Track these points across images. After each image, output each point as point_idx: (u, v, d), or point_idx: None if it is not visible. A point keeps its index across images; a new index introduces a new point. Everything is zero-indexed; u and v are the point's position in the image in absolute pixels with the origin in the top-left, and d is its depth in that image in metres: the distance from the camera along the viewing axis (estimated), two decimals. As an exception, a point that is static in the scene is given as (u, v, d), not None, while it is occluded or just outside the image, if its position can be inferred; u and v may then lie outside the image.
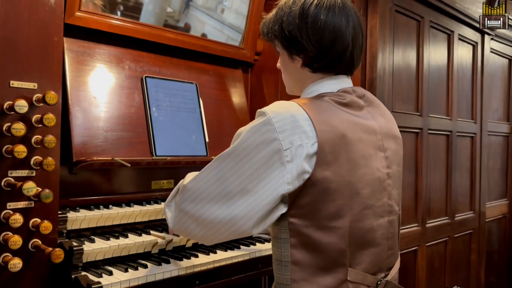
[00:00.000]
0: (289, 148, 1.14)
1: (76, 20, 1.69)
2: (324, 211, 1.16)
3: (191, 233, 1.28)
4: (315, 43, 1.23)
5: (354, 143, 1.20)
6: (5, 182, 1.27)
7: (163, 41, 1.98)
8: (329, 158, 1.15)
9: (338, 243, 1.18)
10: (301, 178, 1.15)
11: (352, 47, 1.26)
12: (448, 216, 3.09)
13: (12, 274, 1.26)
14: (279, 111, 1.18)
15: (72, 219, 1.50)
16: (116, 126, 1.73)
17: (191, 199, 1.24)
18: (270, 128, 1.15)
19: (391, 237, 1.32)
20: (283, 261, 1.22)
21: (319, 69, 1.28)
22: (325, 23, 1.22)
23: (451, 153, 3.06)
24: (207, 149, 1.99)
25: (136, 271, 1.46)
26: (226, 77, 2.23)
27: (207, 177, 1.23)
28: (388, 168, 1.30)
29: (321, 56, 1.25)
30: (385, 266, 1.31)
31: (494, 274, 3.79)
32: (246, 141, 1.18)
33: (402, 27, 2.60)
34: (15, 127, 1.24)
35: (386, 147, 1.30)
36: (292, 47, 1.27)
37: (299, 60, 1.29)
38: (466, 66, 3.26)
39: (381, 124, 1.31)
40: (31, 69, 1.32)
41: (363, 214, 1.22)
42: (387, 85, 2.44)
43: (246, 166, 1.17)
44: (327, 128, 1.17)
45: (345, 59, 1.27)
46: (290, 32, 1.25)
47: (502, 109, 3.89)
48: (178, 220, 1.28)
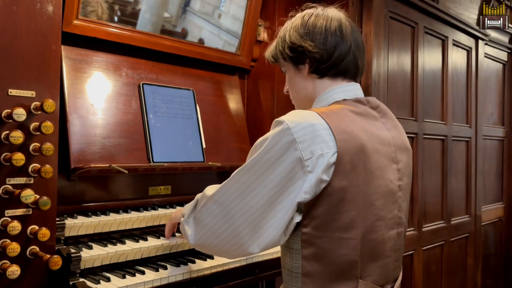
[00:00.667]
0: (310, 158, 1.13)
1: (74, 28, 1.70)
2: (338, 222, 1.15)
3: (214, 248, 1.26)
4: (319, 44, 1.27)
5: (371, 153, 1.19)
6: (3, 190, 1.27)
7: (160, 48, 1.99)
8: (347, 168, 1.15)
9: (351, 254, 1.17)
10: (319, 187, 1.14)
11: (354, 49, 1.30)
12: (444, 220, 3.10)
13: (10, 281, 1.26)
14: (298, 120, 1.16)
15: (69, 226, 1.51)
16: (114, 133, 1.75)
17: (214, 214, 1.22)
18: (290, 138, 1.14)
19: (398, 249, 1.32)
20: (294, 272, 1.21)
21: (326, 71, 1.29)
22: (325, 27, 1.28)
23: (446, 158, 3.09)
24: (204, 155, 2.00)
25: (134, 277, 1.47)
26: (223, 83, 2.24)
27: (229, 191, 1.21)
28: (400, 181, 1.29)
29: (327, 57, 1.28)
30: (392, 278, 1.31)
31: (491, 277, 3.81)
32: (267, 153, 1.16)
33: (397, 33, 2.62)
34: (13, 135, 1.25)
35: (398, 159, 1.30)
36: (297, 55, 1.31)
37: (305, 67, 1.31)
38: (461, 71, 3.29)
39: (394, 136, 1.31)
40: (29, 77, 1.33)
41: (376, 225, 1.21)
42: (382, 91, 2.46)
43: (268, 180, 1.16)
44: (346, 137, 1.16)
45: (349, 61, 1.30)
46: (294, 42, 1.30)
47: (497, 113, 3.92)
48: (200, 236, 1.26)
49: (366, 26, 2.36)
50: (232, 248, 1.22)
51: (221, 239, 1.23)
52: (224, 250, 1.24)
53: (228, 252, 1.24)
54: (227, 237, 1.21)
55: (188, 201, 1.97)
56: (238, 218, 1.19)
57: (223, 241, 1.22)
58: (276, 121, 1.20)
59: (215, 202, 1.23)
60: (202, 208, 1.27)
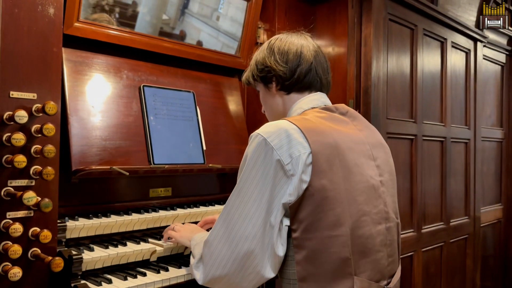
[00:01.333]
0: (290, 162, 1.19)
1: (75, 30, 1.71)
2: (325, 221, 1.18)
3: (227, 283, 1.26)
4: (282, 63, 1.40)
5: (346, 151, 1.25)
6: (5, 192, 1.27)
7: (160, 50, 2.00)
8: (324, 166, 1.19)
9: (342, 252, 1.19)
10: (300, 188, 1.18)
11: (316, 65, 1.42)
12: (443, 222, 3.11)
13: (12, 283, 1.26)
14: (272, 129, 1.23)
15: (71, 228, 1.51)
16: (114, 135, 1.75)
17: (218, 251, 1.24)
18: (268, 148, 1.20)
19: (390, 244, 1.34)
20: (291, 279, 1.23)
21: (291, 87, 1.41)
22: (287, 49, 1.42)
23: (445, 159, 3.10)
24: (204, 157, 2.01)
25: (135, 279, 1.47)
26: (223, 85, 2.25)
27: (226, 220, 1.24)
28: (381, 176, 1.34)
29: (290, 74, 1.40)
30: (387, 274, 1.33)
31: (490, 279, 3.81)
32: (252, 170, 1.22)
33: (396, 35, 2.63)
34: (15, 137, 1.25)
35: (375, 156, 1.35)
36: (264, 75, 1.44)
37: (272, 85, 1.43)
38: (460, 73, 3.30)
39: (367, 135, 1.38)
40: (31, 79, 1.34)
41: (362, 221, 1.24)
42: (381, 93, 2.47)
43: (260, 196, 1.20)
44: (318, 138, 1.22)
45: (312, 76, 1.41)
46: (262, 64, 1.44)
47: (496, 115, 3.93)
48: (210, 277, 1.27)
49: (366, 28, 2.37)
50: (246, 277, 1.22)
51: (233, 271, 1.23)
52: (238, 281, 1.24)
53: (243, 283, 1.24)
54: (238, 267, 1.22)
55: (189, 202, 1.99)
56: (243, 244, 1.20)
57: (235, 273, 1.23)
58: (251, 136, 1.27)
59: (214, 240, 1.26)
60: (204, 250, 1.29)
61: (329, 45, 2.45)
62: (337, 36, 2.41)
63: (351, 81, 2.35)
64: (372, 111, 2.39)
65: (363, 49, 2.38)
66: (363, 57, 2.38)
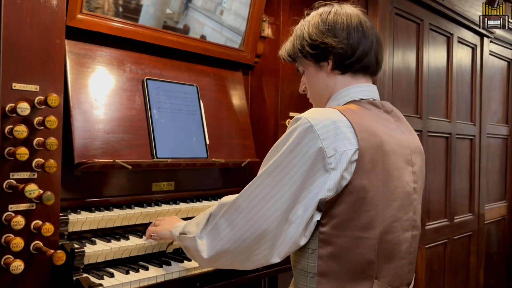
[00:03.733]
0: (333, 155, 1.12)
1: (78, 22, 1.69)
2: (357, 221, 1.15)
3: (230, 260, 1.23)
4: (343, 39, 1.25)
5: (389, 154, 1.19)
6: (7, 184, 1.27)
7: (164, 43, 1.98)
8: (368, 166, 1.14)
9: (368, 254, 1.16)
10: (340, 185, 1.13)
11: (376, 45, 1.29)
12: (447, 218, 3.09)
13: (14, 276, 1.26)
14: (320, 118, 1.15)
15: (73, 221, 1.51)
16: (117, 128, 1.74)
17: (235, 222, 1.19)
18: (313, 136, 1.13)
19: (413, 252, 1.31)
20: (309, 272, 1.20)
21: (349, 67, 1.28)
22: (347, 24, 1.27)
23: (450, 155, 3.07)
24: (207, 151, 2.00)
25: (138, 273, 1.46)
26: (227, 79, 2.23)
27: (251, 195, 1.18)
28: (415, 183, 1.29)
29: (351, 53, 1.26)
30: (405, 281, 1.31)
31: (493, 276, 3.80)
32: (290, 152, 1.14)
33: (402, 30, 2.61)
34: (17, 129, 1.24)
35: (414, 162, 1.30)
36: (320, 51, 1.28)
37: (328, 64, 1.30)
38: (465, 68, 3.27)
39: (409, 139, 1.31)
40: (33, 71, 1.33)
41: (393, 226, 1.21)
42: (386, 88, 2.44)
43: (293, 180, 1.14)
44: (367, 135, 1.15)
45: (372, 57, 1.29)
46: (315, 39, 1.28)
47: (501, 111, 3.90)
48: (217, 249, 1.22)
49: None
50: (253, 259, 1.19)
51: (242, 248, 1.19)
52: (242, 260, 1.21)
53: (246, 263, 1.21)
54: (249, 245, 1.18)
55: (191, 197, 1.98)
56: (261, 224, 1.16)
57: (243, 251, 1.19)
58: (296, 119, 1.18)
59: (234, 210, 1.20)
60: (220, 219, 1.23)
61: (334, 39, 2.43)
62: (342, 30, 2.38)
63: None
64: (377, 106, 2.36)
65: (369, 44, 2.36)
66: (369, 51, 2.36)
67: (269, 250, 1.17)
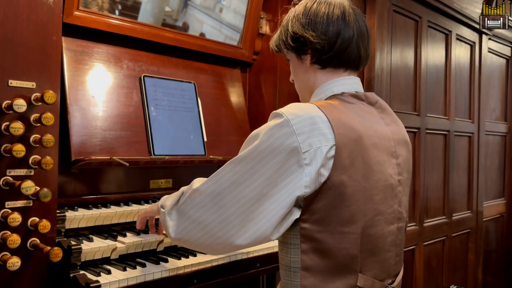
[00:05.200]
0: (308, 150, 1.12)
1: (75, 19, 1.69)
2: (338, 216, 1.15)
3: (196, 242, 1.22)
4: (321, 34, 1.25)
5: (369, 148, 1.19)
6: (4, 181, 1.27)
7: (162, 40, 1.98)
8: (346, 162, 1.14)
9: (351, 249, 1.17)
10: (317, 181, 1.13)
11: (357, 38, 1.27)
12: (445, 216, 3.10)
13: (10, 273, 1.26)
14: (298, 112, 1.15)
15: (70, 218, 1.51)
16: (115, 126, 1.74)
17: (201, 204, 1.19)
18: (289, 130, 1.13)
19: (399, 244, 1.32)
20: (292, 267, 1.20)
21: (327, 62, 1.28)
22: (327, 15, 1.26)
23: (448, 153, 3.07)
24: (205, 149, 1.99)
25: (134, 270, 1.46)
26: (225, 76, 2.23)
27: (220, 180, 1.18)
28: (400, 175, 1.29)
29: (328, 48, 1.26)
30: (393, 273, 1.31)
31: (491, 273, 3.80)
32: (262, 144, 1.15)
33: (400, 27, 2.60)
34: (14, 126, 1.24)
35: (398, 154, 1.29)
36: (299, 45, 1.29)
37: (307, 57, 1.30)
38: (464, 66, 3.27)
39: (394, 131, 1.31)
40: (30, 68, 1.33)
41: (375, 220, 1.21)
42: (385, 85, 2.44)
43: (263, 170, 1.13)
44: (345, 131, 1.15)
45: (352, 50, 1.27)
46: (296, 32, 1.28)
47: (500, 108, 3.90)
48: (182, 228, 1.23)
49: (369, 19, 2.34)
50: (216, 242, 1.18)
51: (206, 231, 1.19)
52: (207, 244, 1.20)
53: (211, 246, 1.21)
54: (213, 229, 1.17)
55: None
56: (227, 209, 1.16)
57: (208, 234, 1.18)
58: (274, 113, 1.18)
59: (202, 192, 1.19)
60: (187, 199, 1.23)
61: (332, 36, 2.42)
62: (341, 28, 2.38)
63: (354, 73, 2.32)
64: (375, 104, 2.36)
65: (367, 41, 2.36)
66: (367, 48, 2.35)
67: (235, 237, 1.16)
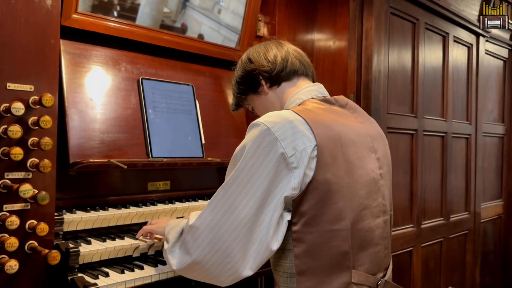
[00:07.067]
0: (293, 154, 1.14)
1: (73, 22, 1.69)
2: (327, 214, 1.17)
3: (203, 274, 1.22)
4: (263, 60, 1.40)
5: (348, 145, 1.23)
6: (2, 184, 1.27)
7: (160, 43, 1.98)
8: (328, 160, 1.17)
9: (342, 245, 1.19)
10: (304, 182, 1.15)
11: (293, 51, 1.42)
12: (443, 217, 3.10)
13: (8, 276, 1.26)
14: (276, 119, 1.18)
15: (68, 221, 1.51)
16: (113, 128, 1.74)
17: (200, 240, 1.19)
18: (271, 138, 1.15)
19: (386, 236, 1.35)
20: (288, 272, 1.22)
21: (280, 78, 1.39)
22: (262, 48, 1.44)
23: (446, 154, 3.08)
24: (203, 151, 2.00)
25: (132, 272, 1.46)
26: (223, 78, 2.23)
27: (215, 209, 1.18)
28: (380, 169, 1.34)
29: (274, 66, 1.39)
30: (383, 266, 1.34)
31: (489, 274, 3.81)
32: (251, 158, 1.16)
33: (397, 29, 2.61)
34: (12, 129, 1.24)
35: (376, 149, 1.34)
36: (249, 81, 1.43)
37: (262, 85, 1.41)
38: (461, 67, 3.28)
39: (368, 127, 1.36)
40: (28, 71, 1.33)
41: (362, 214, 1.24)
42: (382, 87, 2.45)
43: (256, 186, 1.15)
44: (323, 131, 1.18)
45: (293, 61, 1.39)
46: (242, 74, 1.44)
47: (497, 110, 3.91)
48: (187, 265, 1.23)
49: (367, 22, 2.35)
50: (224, 269, 1.18)
51: (211, 264, 1.19)
52: (214, 275, 1.20)
53: (218, 277, 1.20)
54: (217, 260, 1.17)
55: (187, 196, 1.99)
56: (228, 237, 1.16)
57: (213, 266, 1.18)
58: (252, 124, 1.21)
59: (199, 227, 1.19)
60: (186, 235, 1.23)
61: (330, 38, 2.43)
62: (338, 30, 2.40)
63: (351, 75, 2.33)
64: (373, 106, 2.37)
65: (364, 43, 2.37)
66: (364, 51, 2.36)
67: (241, 262, 1.17)
